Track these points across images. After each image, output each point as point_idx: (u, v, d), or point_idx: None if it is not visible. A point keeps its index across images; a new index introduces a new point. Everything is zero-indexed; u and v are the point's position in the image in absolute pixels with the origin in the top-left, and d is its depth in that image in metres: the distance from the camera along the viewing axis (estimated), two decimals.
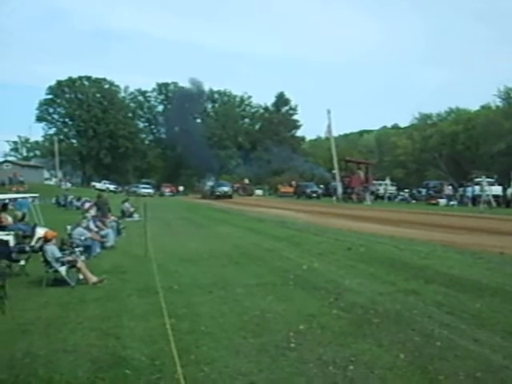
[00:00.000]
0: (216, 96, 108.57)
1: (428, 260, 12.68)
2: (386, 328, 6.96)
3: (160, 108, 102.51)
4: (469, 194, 45.10)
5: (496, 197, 42.00)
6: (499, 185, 45.52)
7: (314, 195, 63.14)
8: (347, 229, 20.88)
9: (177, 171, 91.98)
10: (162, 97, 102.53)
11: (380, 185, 60.61)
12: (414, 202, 54.06)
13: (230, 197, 65.84)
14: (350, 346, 6.25)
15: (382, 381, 5.22)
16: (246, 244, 16.70)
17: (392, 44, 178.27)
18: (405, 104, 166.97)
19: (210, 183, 76.38)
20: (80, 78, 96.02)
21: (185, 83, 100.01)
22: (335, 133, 70.79)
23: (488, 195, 40.69)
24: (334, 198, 55.56)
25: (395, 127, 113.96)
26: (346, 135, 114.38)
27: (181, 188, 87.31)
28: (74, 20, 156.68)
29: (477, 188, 43.53)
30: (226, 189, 68.76)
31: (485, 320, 7.24)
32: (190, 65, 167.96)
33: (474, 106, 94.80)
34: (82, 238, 14.45)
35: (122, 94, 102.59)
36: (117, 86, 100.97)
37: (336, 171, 59.71)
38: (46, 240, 11.42)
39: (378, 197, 56.99)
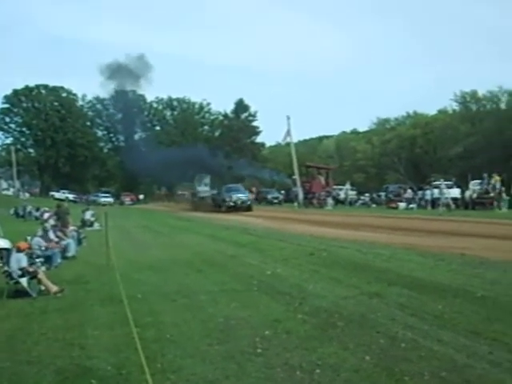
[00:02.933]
0: (175, 103, 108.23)
1: (390, 263, 12.79)
2: (350, 331, 7.00)
3: (119, 116, 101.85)
4: (428, 197, 45.54)
5: (454, 199, 42.54)
6: (457, 187, 46.17)
7: (276, 201, 63.12)
8: (309, 234, 20.95)
9: (136, 179, 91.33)
10: (120, 105, 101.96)
11: (340, 189, 60.94)
12: (374, 205, 54.41)
13: (249, 208, 47.04)
14: (316, 350, 6.27)
15: (349, 383, 5.25)
16: (208, 251, 16.66)
17: (350, 50, 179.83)
18: (363, 109, 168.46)
19: (202, 188, 61.66)
20: (37, 86, 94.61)
21: (143, 90, 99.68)
22: (295, 139, 70.96)
23: (447, 198, 41.21)
24: (296, 204, 55.72)
25: (354, 132, 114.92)
26: (305, 141, 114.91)
27: (141, 196, 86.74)
28: (30, 28, 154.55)
29: (435, 191, 44.03)
30: (243, 197, 48.46)
31: (447, 321, 7.32)
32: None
33: (431, 110, 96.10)
34: (43, 248, 14.29)
35: (80, 103, 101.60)
36: (74, 95, 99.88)
37: (296, 177, 59.90)
38: (18, 250, 11.30)
39: (338, 201, 57.29)
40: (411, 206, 46.22)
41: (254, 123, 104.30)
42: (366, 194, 60.75)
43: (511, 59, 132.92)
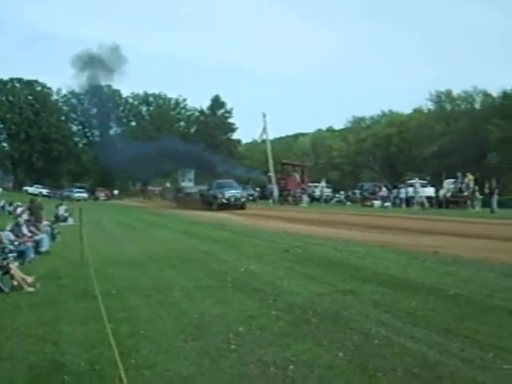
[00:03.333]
0: (151, 99, 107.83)
1: (365, 260, 12.86)
2: (324, 328, 7.03)
3: (94, 111, 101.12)
4: (402, 195, 45.89)
5: (429, 198, 42.95)
6: (432, 186, 46.59)
7: (251, 198, 63.20)
8: (284, 231, 20.99)
9: (111, 175, 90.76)
10: (95, 99, 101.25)
11: (316, 187, 61.25)
12: (349, 203, 54.74)
13: (242, 206, 43.35)
14: (290, 347, 6.28)
15: (322, 380, 5.27)
16: (183, 247, 16.63)
17: (326, 48, 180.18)
18: (339, 107, 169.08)
19: (186, 183, 60.03)
20: (11, 79, 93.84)
21: (118, 85, 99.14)
22: (271, 136, 71.08)
23: (421, 196, 41.58)
24: (271, 201, 55.87)
25: (330, 130, 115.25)
26: (281, 138, 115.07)
27: (116, 192, 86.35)
28: (3, 22, 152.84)
29: (410, 190, 44.40)
30: (236, 193, 44.28)
31: (420, 318, 7.38)
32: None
33: (406, 109, 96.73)
34: (15, 242, 14.16)
35: (55, 97, 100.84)
36: (49, 89, 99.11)
37: (272, 174, 60.02)
38: None
39: (314, 199, 57.53)
40: (386, 204, 46.58)
41: (230, 120, 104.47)
42: (341, 192, 61.13)
43: (486, 60, 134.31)
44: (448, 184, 44.48)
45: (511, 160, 68.23)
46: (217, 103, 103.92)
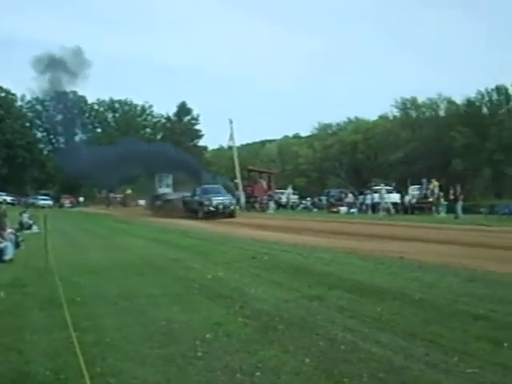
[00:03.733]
0: (117, 105, 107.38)
1: (331, 266, 12.93)
2: (291, 334, 7.05)
3: (59, 117, 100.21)
4: (368, 201, 46.27)
5: (394, 204, 43.47)
6: (397, 192, 47.09)
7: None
8: (251, 237, 21.02)
9: (76, 182, 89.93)
10: (60, 106, 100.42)
11: (282, 193, 61.38)
12: (315, 210, 54.97)
13: (231, 214, 39.72)
14: (257, 353, 6.29)
15: None
16: (149, 254, 16.54)
17: (293, 55, 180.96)
18: (305, 114, 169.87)
19: (164, 189, 55.14)
20: None
21: (84, 92, 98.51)
22: (238, 142, 71.14)
23: (387, 203, 42.07)
24: (237, 207, 55.89)
25: (296, 137, 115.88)
26: (248, 144, 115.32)
27: (81, 199, 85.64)
28: None
29: (376, 196, 44.83)
30: (226, 200, 40.49)
31: (386, 323, 7.44)
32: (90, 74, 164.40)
33: (372, 115, 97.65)
34: None
35: (19, 103, 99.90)
36: (13, 95, 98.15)
37: (238, 180, 60.02)
38: None
39: (280, 205, 57.65)
40: (352, 210, 46.94)
41: (197, 126, 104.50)
42: (308, 199, 61.38)
43: (450, 68, 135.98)
44: (413, 190, 45.02)
45: (475, 166, 69.36)
46: (183, 110, 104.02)
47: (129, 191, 76.08)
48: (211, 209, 39.15)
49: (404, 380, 5.31)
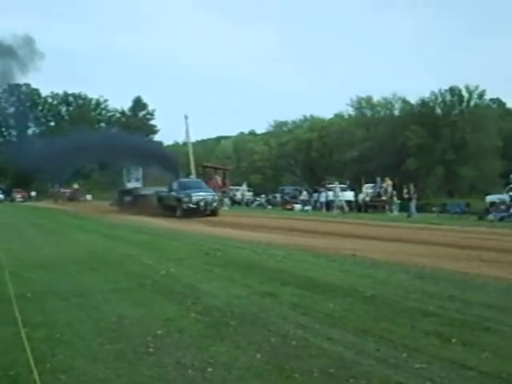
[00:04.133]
0: (71, 99, 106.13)
1: (284, 263, 13.00)
2: (243, 330, 7.06)
3: (11, 110, 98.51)
4: (323, 199, 46.55)
5: (348, 202, 43.84)
6: (351, 190, 47.53)
7: None
8: (205, 234, 21.03)
9: (29, 176, 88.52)
10: (13, 98, 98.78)
11: (237, 190, 61.41)
12: (270, 207, 55.06)
13: (214, 212, 35.61)
14: (209, 349, 6.29)
15: (240, 381, 5.29)
16: (102, 250, 16.39)
17: (249, 51, 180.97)
18: (261, 111, 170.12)
19: (133, 184, 49.82)
20: None
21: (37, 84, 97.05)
22: (193, 138, 70.90)
23: (341, 200, 42.34)
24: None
25: (252, 133, 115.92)
26: (203, 141, 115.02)
27: (33, 193, 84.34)
28: None
29: (330, 194, 45.11)
30: (208, 196, 36.23)
31: (338, 319, 7.51)
32: (43, 66, 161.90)
33: (327, 114, 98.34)
34: None
35: None
36: None
37: (193, 177, 59.83)
38: None
39: (235, 202, 57.64)
40: (306, 207, 47.13)
41: (152, 122, 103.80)
42: (263, 196, 61.39)
43: (405, 68, 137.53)
44: (367, 188, 45.46)
45: (428, 166, 70.34)
46: (138, 104, 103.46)
47: (76, 186, 74.70)
48: (191, 206, 34.89)
49: (354, 375, 5.36)
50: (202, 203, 35.09)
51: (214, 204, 36.41)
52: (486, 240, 18.73)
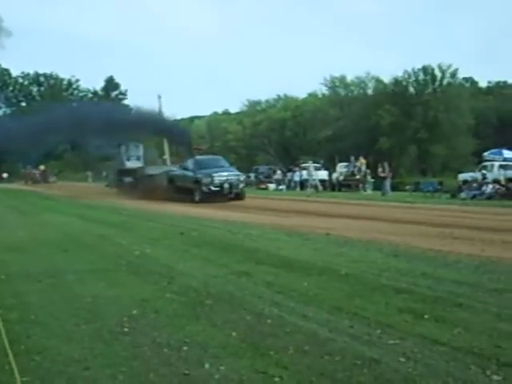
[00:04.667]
0: (42, 79, 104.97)
1: (259, 242, 13.03)
2: (218, 309, 7.09)
3: None
4: (297, 178, 46.73)
5: (322, 181, 44.05)
6: (325, 169, 47.72)
7: None
8: (180, 214, 21.00)
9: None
10: None
11: None
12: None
13: (240, 196, 30.88)
14: (184, 328, 6.31)
15: (216, 359, 5.32)
16: (76, 231, 16.32)
17: (222, 30, 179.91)
18: (235, 90, 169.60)
19: (133, 162, 44.07)
20: None
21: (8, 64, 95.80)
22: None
23: (315, 180, 42.48)
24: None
25: (226, 113, 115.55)
26: (176, 121, 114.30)
27: (5, 175, 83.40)
28: None
29: (304, 173, 45.27)
30: (232, 176, 31.06)
31: (312, 297, 7.56)
32: (14, 46, 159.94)
33: (301, 93, 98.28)
34: None
35: None
36: None
37: (167, 156, 59.48)
38: None
39: None
40: (281, 187, 47.28)
41: (125, 102, 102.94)
42: None
43: (378, 47, 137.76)
44: (341, 167, 45.66)
45: (401, 145, 70.73)
46: (111, 84, 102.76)
47: (42, 167, 73.03)
48: (213, 188, 29.83)
49: (328, 352, 5.41)
50: (226, 185, 29.99)
51: (241, 186, 31.42)
52: (459, 218, 18.94)
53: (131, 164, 43.95)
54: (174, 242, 13.58)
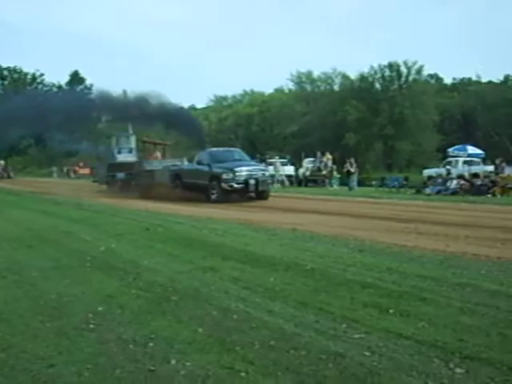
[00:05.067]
0: (5, 73, 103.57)
1: (225, 238, 13.01)
2: (184, 305, 7.08)
3: None
4: None
5: (289, 176, 44.08)
6: (292, 165, 47.80)
7: None
8: (145, 209, 20.87)
9: None
10: None
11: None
12: None
13: (263, 195, 26.37)
14: (150, 324, 6.29)
15: (182, 355, 5.32)
16: (40, 227, 16.16)
17: (188, 25, 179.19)
18: (201, 85, 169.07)
19: (125, 155, 40.34)
20: None
21: None
22: None
23: (281, 175, 42.56)
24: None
25: (192, 108, 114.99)
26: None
27: None
28: None
29: (271, 168, 45.26)
30: (256, 171, 26.45)
31: (278, 292, 7.58)
32: None
33: (268, 88, 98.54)
34: None
35: None
36: None
37: (133, 151, 59.08)
38: None
39: None
40: None
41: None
42: None
43: (344, 43, 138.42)
44: (307, 163, 45.78)
45: (367, 140, 71.30)
46: (76, 79, 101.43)
47: (1, 162, 71.45)
48: (235, 186, 25.23)
49: (294, 346, 5.45)
50: (251, 181, 25.37)
51: (269, 181, 28.11)
52: (424, 213, 19.10)
53: (123, 157, 39.79)
54: (138, 237, 13.50)
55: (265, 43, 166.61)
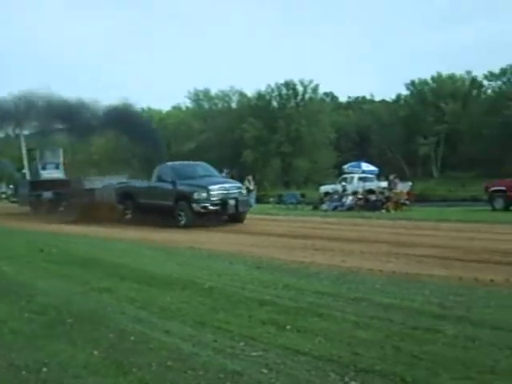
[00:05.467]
0: None
1: (123, 258, 12.87)
2: (79, 327, 6.93)
3: None
4: None
5: None
6: None
7: (3, 196, 59.77)
8: (39, 230, 20.43)
9: None
10: None
11: None
12: None
13: (238, 217, 22.46)
14: (44, 349, 6.12)
15: (77, 379, 5.20)
16: None
17: (80, 38, 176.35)
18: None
19: (50, 172, 35.11)
20: None
21: None
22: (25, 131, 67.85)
23: None
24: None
25: None
26: (38, 133, 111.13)
27: None
28: None
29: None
30: (234, 189, 22.87)
31: (175, 312, 7.54)
32: None
33: (165, 106, 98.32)
34: None
35: None
36: None
37: (26, 171, 57.47)
38: None
39: None
40: None
41: None
42: None
43: (242, 61, 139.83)
44: None
45: (265, 158, 72.20)
46: None
47: None
48: (210, 208, 21.32)
49: (192, 366, 5.42)
50: (231, 202, 21.71)
51: (252, 201, 26.24)
52: (320, 229, 19.47)
53: (48, 174, 34.73)
54: (32, 259, 13.12)
55: (162, 60, 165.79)
